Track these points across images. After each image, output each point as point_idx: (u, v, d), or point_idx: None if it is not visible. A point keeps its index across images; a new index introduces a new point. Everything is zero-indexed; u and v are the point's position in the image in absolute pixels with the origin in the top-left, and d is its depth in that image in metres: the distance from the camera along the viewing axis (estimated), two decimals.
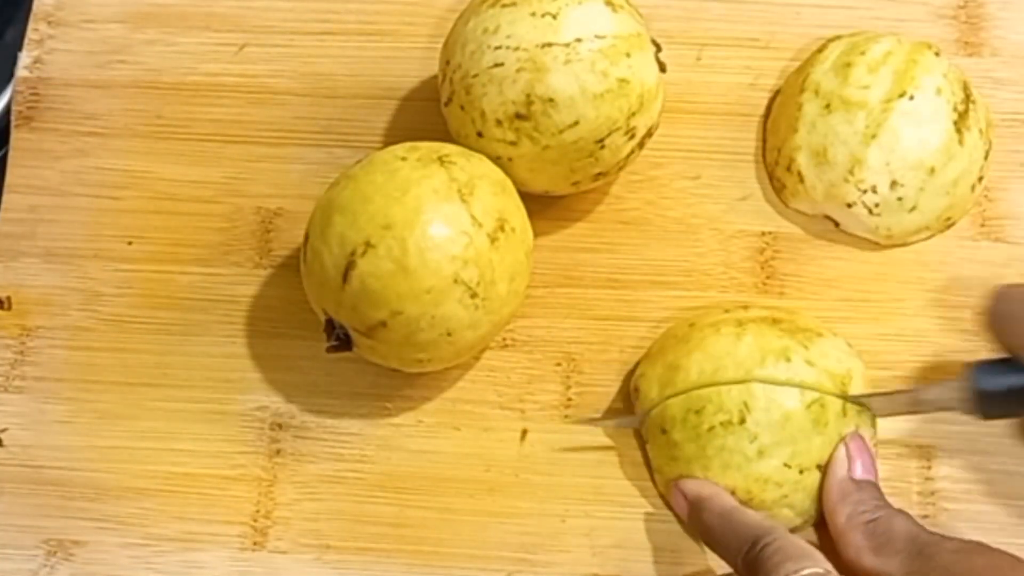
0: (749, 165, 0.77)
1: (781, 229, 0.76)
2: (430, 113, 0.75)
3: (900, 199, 0.72)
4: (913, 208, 0.73)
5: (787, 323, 0.69)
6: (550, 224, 0.76)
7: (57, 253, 0.76)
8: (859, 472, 0.67)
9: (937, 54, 0.74)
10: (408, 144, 0.70)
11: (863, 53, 0.74)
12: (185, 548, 0.70)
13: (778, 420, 0.66)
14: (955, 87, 0.73)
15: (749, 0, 0.81)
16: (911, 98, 0.72)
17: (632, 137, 0.71)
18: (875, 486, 0.67)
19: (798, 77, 0.76)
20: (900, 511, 0.66)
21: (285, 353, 0.74)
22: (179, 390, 0.73)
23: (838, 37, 0.77)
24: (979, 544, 0.62)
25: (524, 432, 0.72)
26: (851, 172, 0.72)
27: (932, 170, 0.72)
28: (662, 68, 0.73)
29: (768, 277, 0.75)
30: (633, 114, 0.70)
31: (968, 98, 0.74)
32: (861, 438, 0.68)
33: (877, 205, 0.72)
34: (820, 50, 0.77)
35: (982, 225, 0.75)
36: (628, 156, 0.72)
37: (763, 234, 0.76)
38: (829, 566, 0.61)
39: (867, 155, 0.72)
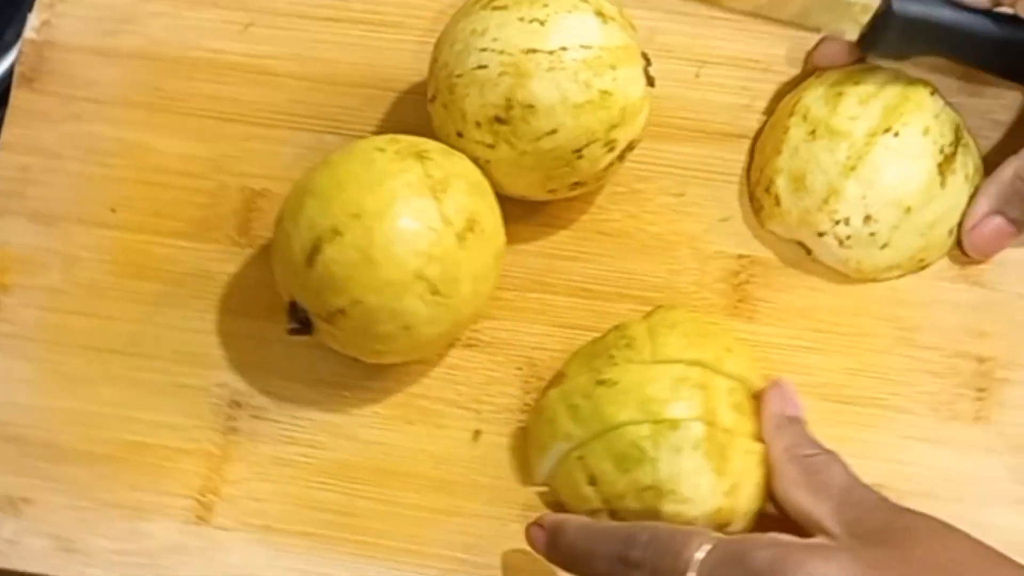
0: (734, 187, 0.77)
1: (758, 253, 0.75)
2: (423, 108, 0.75)
3: (872, 234, 0.72)
4: (885, 245, 0.72)
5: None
6: (530, 229, 0.76)
7: (43, 214, 0.77)
8: (790, 411, 0.67)
9: (933, 93, 0.74)
10: (390, 136, 0.70)
11: (857, 83, 0.74)
12: (131, 516, 0.71)
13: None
14: (945, 128, 0.73)
15: (756, 22, 0.81)
16: (896, 134, 0.72)
17: (612, 149, 0.71)
18: (806, 426, 0.67)
19: (791, 100, 0.76)
20: (836, 455, 0.65)
21: (252, 333, 0.74)
22: (145, 360, 0.74)
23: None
24: (909, 509, 0.62)
25: (477, 433, 0.72)
26: (826, 201, 0.72)
27: (908, 209, 0.72)
28: (651, 83, 0.72)
29: (740, 300, 0.74)
30: (614, 127, 0.70)
31: (958, 141, 0.73)
32: (787, 384, 0.68)
33: (848, 238, 0.72)
34: (817, 75, 0.76)
35: (962, 268, 0.75)
36: (607, 168, 0.72)
37: (740, 257, 0.75)
38: (719, 534, 0.61)
39: (844, 186, 0.71)
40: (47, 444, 0.72)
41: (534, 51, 0.69)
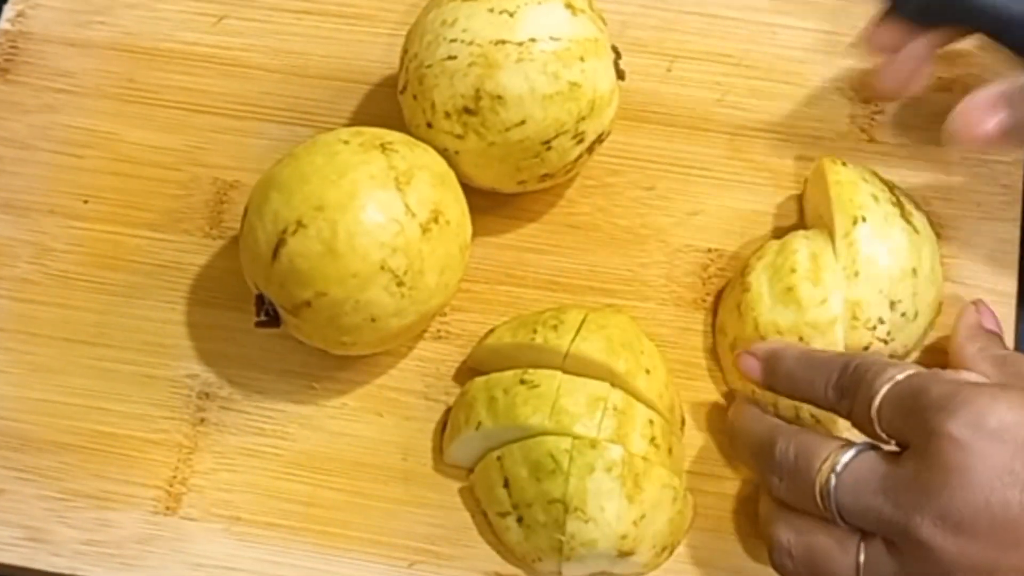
0: (704, 180, 0.77)
1: (727, 248, 0.75)
2: (395, 101, 0.75)
3: (903, 315, 0.70)
4: (916, 315, 0.70)
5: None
6: (499, 222, 0.76)
7: (14, 205, 0.77)
8: (988, 324, 0.69)
9: (844, 164, 0.72)
10: (355, 128, 0.71)
11: (794, 271, 0.70)
12: (99, 506, 0.71)
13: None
14: (879, 185, 0.72)
15: (727, 16, 0.81)
16: (864, 220, 0.70)
17: (580, 142, 0.71)
18: (1001, 338, 0.68)
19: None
20: None
21: (222, 324, 0.74)
22: (114, 350, 0.74)
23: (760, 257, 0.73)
24: None
25: (445, 424, 0.72)
26: (854, 317, 0.69)
27: (915, 271, 0.70)
28: (620, 76, 0.73)
29: (708, 294, 0.75)
30: (583, 119, 0.70)
31: (891, 187, 0.72)
32: (986, 304, 0.70)
33: (888, 333, 0.69)
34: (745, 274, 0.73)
35: None
36: (576, 160, 0.72)
37: (709, 251, 0.75)
38: (915, 367, 0.61)
39: (859, 295, 0.69)
40: (15, 434, 0.72)
41: (503, 42, 0.69)
